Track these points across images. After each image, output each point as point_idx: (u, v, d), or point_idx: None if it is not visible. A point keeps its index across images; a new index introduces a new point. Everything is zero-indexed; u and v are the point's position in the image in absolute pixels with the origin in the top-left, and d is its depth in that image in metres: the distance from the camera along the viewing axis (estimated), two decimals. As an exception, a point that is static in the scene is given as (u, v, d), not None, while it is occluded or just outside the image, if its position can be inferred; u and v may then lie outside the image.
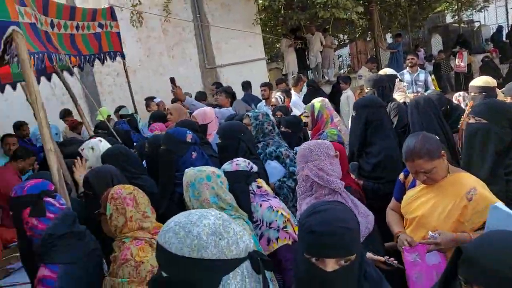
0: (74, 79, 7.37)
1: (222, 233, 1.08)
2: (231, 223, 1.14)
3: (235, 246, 1.08)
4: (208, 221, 1.10)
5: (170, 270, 1.08)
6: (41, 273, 1.75)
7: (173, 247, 1.06)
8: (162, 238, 1.10)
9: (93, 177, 2.58)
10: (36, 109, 2.24)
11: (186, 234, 1.07)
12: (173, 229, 1.09)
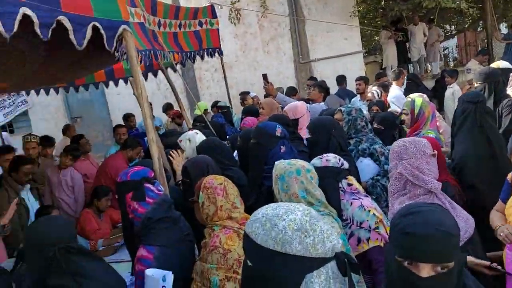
0: (176, 75, 7.87)
1: (308, 230, 1.06)
2: (319, 220, 1.11)
3: (321, 245, 1.06)
4: (294, 216, 1.09)
5: (254, 259, 1.09)
6: (140, 253, 1.90)
7: (259, 238, 1.07)
8: (249, 227, 1.12)
9: (191, 166, 2.73)
10: (141, 102, 2.43)
11: (271, 226, 1.07)
12: (260, 220, 1.10)
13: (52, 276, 1.64)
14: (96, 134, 10.20)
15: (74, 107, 10.57)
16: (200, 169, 2.67)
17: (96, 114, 10.49)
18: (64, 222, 1.80)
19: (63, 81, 4.66)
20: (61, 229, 1.73)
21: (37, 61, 3.29)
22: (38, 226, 1.78)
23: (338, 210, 2.22)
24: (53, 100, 9.67)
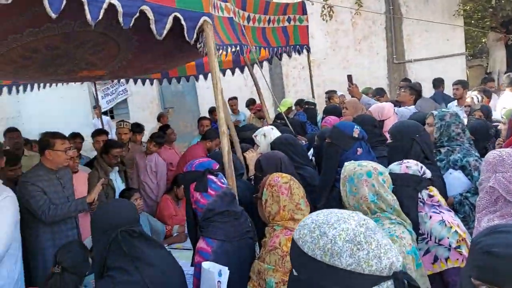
0: (263, 71, 7.88)
1: (362, 243, 0.95)
2: (377, 233, 0.98)
3: (376, 261, 0.93)
4: (347, 225, 0.98)
5: (299, 269, 1.01)
6: (199, 244, 1.90)
7: (306, 246, 0.99)
8: (297, 233, 1.03)
9: (264, 160, 2.70)
10: (215, 93, 2.43)
11: (320, 234, 0.98)
12: (309, 227, 1.01)
13: (112, 258, 1.69)
14: (185, 124, 10.70)
15: (168, 98, 11.21)
16: (273, 164, 2.62)
17: (187, 106, 11.01)
18: (128, 206, 1.85)
19: (153, 71, 4.92)
20: (125, 213, 1.78)
21: (130, 51, 3.49)
22: (104, 208, 1.85)
23: (415, 222, 2.01)
24: (150, 90, 10.34)
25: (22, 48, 2.86)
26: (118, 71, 4.04)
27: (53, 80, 4.31)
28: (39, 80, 4.29)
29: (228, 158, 2.44)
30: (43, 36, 2.75)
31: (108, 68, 3.84)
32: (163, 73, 6.55)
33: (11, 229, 2.72)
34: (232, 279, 1.78)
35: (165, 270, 1.77)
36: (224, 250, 1.88)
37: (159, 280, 1.71)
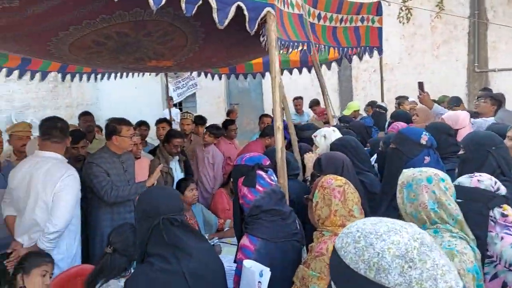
0: (331, 72, 7.69)
1: (415, 260, 0.82)
2: (433, 250, 0.85)
3: (430, 283, 0.80)
4: (398, 238, 0.85)
5: (339, 282, 0.90)
6: (243, 241, 1.83)
7: (348, 257, 0.87)
8: (340, 242, 0.92)
9: (326, 160, 2.58)
10: (273, 87, 2.35)
11: (366, 246, 0.86)
12: (353, 235, 0.90)
13: (152, 244, 1.68)
14: (249, 121, 10.77)
15: (234, 94, 11.36)
16: (335, 165, 2.49)
17: (252, 103, 11.07)
18: (173, 195, 1.83)
19: (218, 65, 4.97)
20: (168, 201, 1.76)
21: (196, 43, 3.53)
22: (149, 194, 1.85)
23: (482, 242, 1.78)
24: (217, 86, 10.53)
25: (95, 34, 2.99)
26: (184, 63, 4.11)
27: (124, 68, 4.49)
28: (111, 67, 4.50)
29: (281, 155, 2.35)
30: (115, 23, 2.85)
31: (176, 59, 3.91)
32: (230, 68, 6.63)
33: (72, 206, 2.85)
34: (274, 281, 1.70)
35: (204, 262, 1.72)
36: (267, 250, 1.80)
37: (197, 271, 1.67)
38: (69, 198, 2.84)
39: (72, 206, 2.87)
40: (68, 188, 2.85)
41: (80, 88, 11.24)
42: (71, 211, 2.86)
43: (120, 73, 6.38)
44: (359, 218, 1.83)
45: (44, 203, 2.83)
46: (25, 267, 2.45)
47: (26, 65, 5.08)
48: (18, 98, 9.55)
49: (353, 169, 2.58)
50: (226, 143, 5.55)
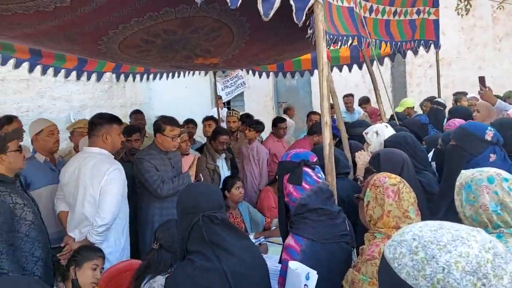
0: (384, 68, 7.37)
1: (489, 276, 0.69)
2: (509, 263, 0.71)
3: None
4: (467, 249, 0.72)
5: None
6: (288, 241, 1.74)
7: (404, 271, 0.75)
8: (391, 251, 0.80)
9: (385, 156, 2.43)
10: (320, 80, 2.24)
11: (427, 258, 0.73)
12: (409, 244, 0.77)
13: (192, 241, 1.63)
14: (297, 120, 10.62)
15: (281, 93, 11.26)
16: (394, 163, 2.33)
17: (300, 101, 10.91)
18: (213, 191, 1.78)
19: (265, 62, 4.89)
20: (208, 198, 1.71)
21: (242, 39, 3.48)
22: (189, 190, 1.80)
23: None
24: (265, 84, 10.49)
25: (144, 32, 3.02)
26: (231, 60, 4.07)
27: (173, 66, 4.54)
28: (160, 66, 4.57)
29: (329, 151, 2.23)
30: (162, 20, 2.86)
31: (222, 56, 3.89)
32: (278, 66, 6.54)
33: (118, 200, 2.89)
34: (320, 284, 1.59)
35: (246, 261, 1.65)
36: (314, 251, 1.69)
37: (239, 270, 1.60)
38: (115, 192, 2.88)
39: (118, 199, 2.91)
40: (113, 182, 2.89)
41: (133, 89, 11.64)
42: (117, 204, 2.90)
43: (172, 73, 6.50)
44: (416, 220, 1.68)
45: (92, 197, 2.89)
46: (78, 260, 2.51)
47: (82, 66, 5.30)
48: (76, 98, 10.04)
49: (413, 168, 2.41)
50: (274, 140, 5.47)
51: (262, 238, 3.67)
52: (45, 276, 2.79)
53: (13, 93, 8.85)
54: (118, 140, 3.09)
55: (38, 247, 2.75)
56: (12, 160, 2.65)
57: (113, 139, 3.05)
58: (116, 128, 3.08)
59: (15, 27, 2.71)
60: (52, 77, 5.26)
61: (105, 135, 3.03)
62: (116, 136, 3.07)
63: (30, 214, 2.70)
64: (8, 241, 2.53)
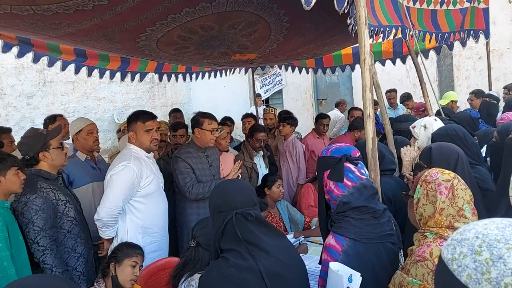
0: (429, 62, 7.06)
1: None
2: None
3: None
4: None
5: None
6: (328, 240, 1.64)
7: (464, 274, 0.65)
8: (449, 251, 0.70)
9: (438, 150, 2.28)
10: (362, 69, 2.11)
11: (492, 259, 0.63)
12: (471, 244, 0.67)
13: (226, 239, 1.57)
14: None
15: (321, 89, 11.04)
16: (447, 157, 2.19)
17: (340, 98, 10.66)
18: (247, 188, 1.70)
19: (304, 57, 4.76)
20: (241, 195, 1.64)
21: (280, 33, 3.39)
22: (221, 187, 1.74)
23: None
24: (304, 81, 10.34)
25: (181, 28, 3.00)
26: (269, 55, 4.00)
27: (210, 63, 4.52)
28: (198, 63, 4.56)
29: (372, 146, 2.09)
30: (198, 16, 2.82)
31: (260, 52, 3.82)
32: (318, 62, 6.38)
33: (115, 197, 2.82)
34: (364, 286, 1.48)
35: (283, 261, 1.56)
36: (356, 251, 1.58)
37: (274, 269, 1.52)
38: (113, 189, 2.82)
39: (115, 197, 2.81)
40: (116, 179, 2.84)
41: (174, 88, 11.85)
42: (114, 201, 2.81)
43: (213, 72, 6.53)
44: (472, 220, 1.53)
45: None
46: (118, 256, 2.53)
47: (125, 67, 5.41)
48: (119, 99, 10.34)
49: (468, 163, 2.24)
50: (315, 137, 5.34)
51: (302, 237, 3.57)
52: (87, 272, 2.84)
53: (61, 95, 9.23)
54: (144, 137, 3.02)
55: (80, 243, 2.79)
56: (54, 157, 2.70)
57: (138, 136, 3.02)
58: (140, 125, 3.03)
59: (57, 26, 2.77)
60: (96, 79, 5.42)
61: (132, 133, 3.04)
62: (142, 134, 3.02)
63: (72, 211, 2.75)
64: (51, 236, 2.58)
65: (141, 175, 2.91)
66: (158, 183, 3.09)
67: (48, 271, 2.53)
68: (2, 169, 2.38)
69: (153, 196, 3.02)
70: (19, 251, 2.42)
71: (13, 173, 2.41)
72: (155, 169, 3.13)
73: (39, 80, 8.85)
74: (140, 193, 2.94)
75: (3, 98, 8.37)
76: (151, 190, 2.99)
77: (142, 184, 2.92)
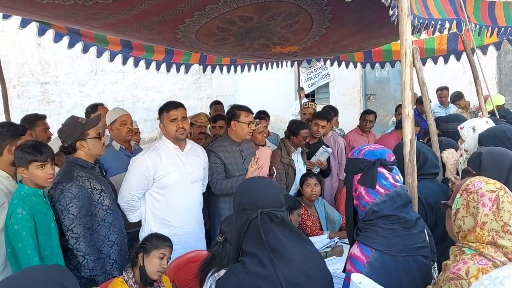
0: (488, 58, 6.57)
1: None
2: None
3: None
4: None
5: None
6: (353, 250, 1.52)
7: None
8: None
9: (489, 155, 2.08)
10: (403, 64, 1.94)
11: None
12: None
13: (248, 241, 1.48)
14: (386, 113, 10.01)
15: (370, 85, 10.66)
16: (500, 165, 2.00)
17: (390, 94, 10.25)
18: (274, 187, 1.59)
19: (349, 50, 4.55)
20: (268, 193, 1.54)
21: (322, 24, 3.24)
22: (247, 184, 1.65)
23: None
24: (352, 76, 10.02)
25: (219, 19, 2.94)
26: (311, 48, 3.85)
27: (251, 55, 4.44)
28: (238, 55, 4.50)
29: (410, 148, 1.93)
30: (237, 6, 2.75)
31: (301, 44, 3.68)
32: (366, 56, 6.13)
33: (129, 185, 2.95)
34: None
35: (306, 271, 1.45)
36: (383, 264, 1.44)
37: (295, 279, 1.42)
38: (127, 179, 2.97)
39: (130, 186, 2.95)
40: (130, 168, 3.00)
41: (220, 80, 11.92)
42: (128, 190, 2.95)
43: (259, 65, 6.46)
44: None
45: None
46: (146, 247, 2.54)
47: (170, 58, 5.46)
48: (167, 89, 10.55)
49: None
50: (358, 133, 5.14)
51: (337, 238, 3.44)
52: (120, 260, 2.88)
53: (111, 84, 9.55)
54: (169, 126, 3.05)
55: (114, 232, 2.83)
56: (91, 146, 2.75)
57: (166, 126, 3.07)
58: (165, 115, 3.07)
59: (97, 17, 2.80)
60: (144, 69, 5.52)
61: (161, 124, 3.11)
62: (167, 123, 3.06)
63: (107, 200, 2.79)
64: (85, 224, 2.63)
65: (155, 167, 2.95)
66: (181, 176, 3.06)
67: (81, 258, 2.59)
68: (24, 162, 2.45)
69: (172, 189, 3.03)
70: (50, 238, 2.49)
71: (35, 167, 2.47)
72: (184, 162, 3.10)
73: (91, 68, 9.20)
74: (157, 185, 3.00)
75: (57, 86, 8.77)
76: (168, 182, 3.00)
77: (157, 175, 2.96)
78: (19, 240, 2.33)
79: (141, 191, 2.98)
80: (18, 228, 2.33)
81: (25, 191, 2.47)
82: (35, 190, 2.50)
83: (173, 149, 3.06)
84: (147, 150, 3.04)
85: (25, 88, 8.32)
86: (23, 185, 2.49)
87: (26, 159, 2.44)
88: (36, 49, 8.37)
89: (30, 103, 8.33)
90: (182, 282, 2.79)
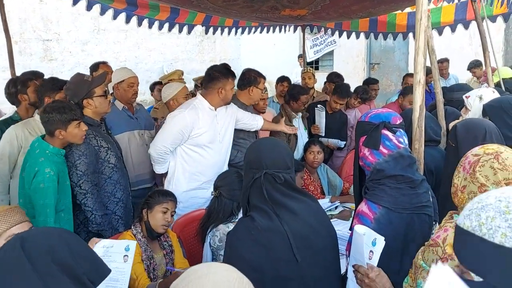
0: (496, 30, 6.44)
1: None
2: None
3: None
4: None
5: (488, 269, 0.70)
6: (361, 207, 1.58)
7: (498, 234, 0.70)
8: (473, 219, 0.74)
9: (464, 127, 2.17)
10: (417, 32, 1.93)
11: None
12: (496, 206, 0.72)
13: (254, 197, 1.55)
14: (389, 83, 9.97)
15: (375, 53, 10.54)
16: (473, 134, 2.06)
17: (395, 63, 10.16)
18: (282, 149, 1.64)
19: (358, 15, 4.46)
20: (273, 155, 1.59)
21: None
22: (257, 144, 1.70)
23: None
24: (357, 44, 9.88)
25: (230, -21, 2.88)
26: (320, 12, 3.78)
27: (259, 18, 4.36)
28: (246, 16, 4.40)
29: (419, 114, 1.96)
30: (248, -34, 2.70)
31: (311, 8, 3.62)
32: (371, 25, 6.02)
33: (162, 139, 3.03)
34: (394, 255, 1.45)
35: (311, 224, 1.53)
36: (389, 220, 1.51)
37: (300, 231, 1.49)
38: (164, 132, 3.04)
39: (165, 140, 3.02)
40: (168, 122, 3.06)
41: (223, 44, 11.74)
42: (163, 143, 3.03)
43: (260, 28, 6.35)
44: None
45: None
46: (149, 203, 2.59)
47: (174, 18, 5.36)
48: (169, 51, 10.41)
49: (500, 137, 2.07)
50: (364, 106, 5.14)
51: (338, 202, 3.52)
52: (125, 216, 2.96)
53: (113, 43, 9.42)
54: (230, 94, 3.17)
55: (119, 189, 2.89)
56: (97, 104, 2.76)
57: (227, 92, 3.13)
58: (231, 82, 3.15)
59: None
60: (147, 29, 5.44)
61: (221, 89, 3.10)
62: (229, 90, 3.15)
63: (113, 157, 2.83)
64: (93, 181, 2.68)
65: (193, 125, 3.01)
66: (214, 136, 3.14)
67: (88, 213, 2.65)
68: (63, 123, 2.47)
69: (206, 148, 3.12)
70: (65, 195, 2.56)
71: (74, 126, 2.50)
72: (217, 122, 3.16)
73: (94, 27, 9.06)
74: (191, 142, 3.07)
75: (59, 43, 8.66)
76: (202, 141, 3.08)
77: (193, 133, 3.03)
78: (42, 198, 2.38)
79: (174, 145, 3.07)
80: (44, 187, 2.38)
81: (50, 150, 2.50)
82: (59, 150, 2.54)
83: (209, 109, 3.12)
84: (185, 107, 3.09)
85: (27, 44, 8.22)
86: (48, 143, 2.51)
87: (65, 119, 2.47)
88: (39, 4, 8.21)
89: (32, 59, 8.25)
90: (188, 238, 2.88)
